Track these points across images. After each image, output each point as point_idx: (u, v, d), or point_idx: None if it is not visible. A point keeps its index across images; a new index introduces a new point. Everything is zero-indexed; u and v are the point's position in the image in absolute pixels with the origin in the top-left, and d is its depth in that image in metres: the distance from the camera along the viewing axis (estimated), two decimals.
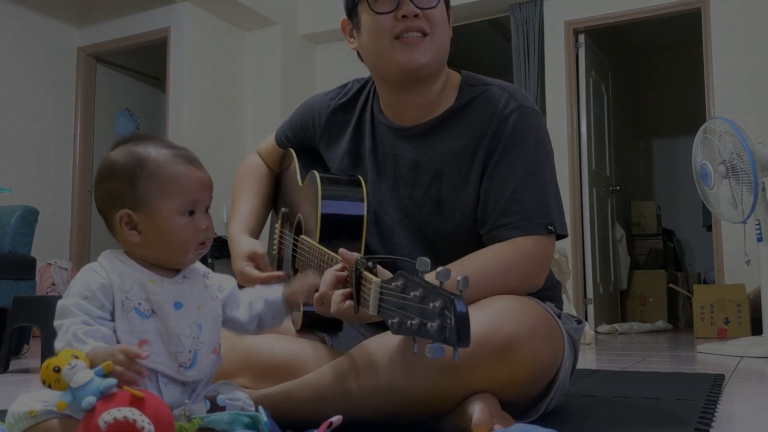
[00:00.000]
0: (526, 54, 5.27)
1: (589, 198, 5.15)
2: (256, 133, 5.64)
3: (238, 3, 5.35)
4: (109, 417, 0.83)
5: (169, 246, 1.02)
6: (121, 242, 1.04)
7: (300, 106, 1.64)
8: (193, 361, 1.01)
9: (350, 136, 1.50)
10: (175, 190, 1.02)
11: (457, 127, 1.38)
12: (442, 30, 1.36)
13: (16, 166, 5.11)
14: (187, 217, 1.02)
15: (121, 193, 1.01)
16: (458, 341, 0.82)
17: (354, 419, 1.14)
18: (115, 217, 1.02)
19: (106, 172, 1.04)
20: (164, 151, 1.04)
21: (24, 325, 2.86)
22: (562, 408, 1.43)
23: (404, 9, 1.31)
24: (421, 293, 0.88)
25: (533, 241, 1.29)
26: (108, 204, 1.03)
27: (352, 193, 1.38)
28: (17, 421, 0.93)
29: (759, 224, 3.22)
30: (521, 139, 1.33)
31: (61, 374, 0.86)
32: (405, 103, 1.41)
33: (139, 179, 1.01)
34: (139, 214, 1.01)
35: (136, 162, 1.02)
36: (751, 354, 3.03)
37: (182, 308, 1.02)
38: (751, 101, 4.52)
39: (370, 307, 1.00)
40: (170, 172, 1.02)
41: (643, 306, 5.89)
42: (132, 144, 1.04)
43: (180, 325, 1.00)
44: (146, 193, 1.01)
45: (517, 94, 1.37)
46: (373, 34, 1.35)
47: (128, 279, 0.99)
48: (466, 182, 1.36)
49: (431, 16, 1.33)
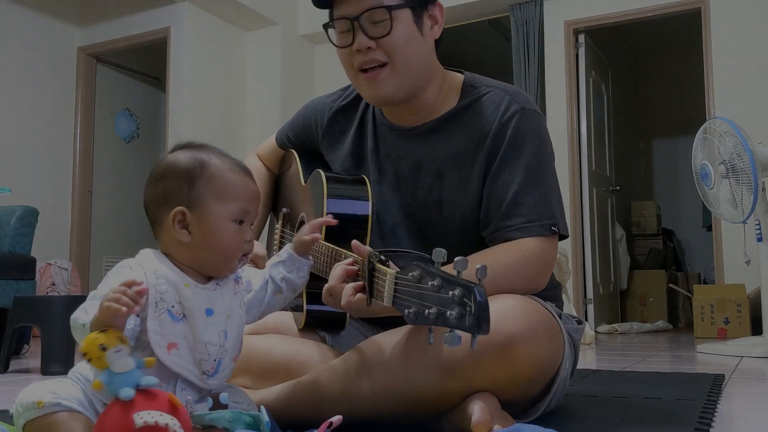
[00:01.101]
0: (526, 54, 5.27)
1: (589, 198, 5.16)
2: (256, 133, 5.65)
3: (238, 3, 5.35)
4: (149, 418, 0.82)
5: (216, 251, 1.03)
6: (165, 242, 1.05)
7: (302, 108, 1.64)
8: (216, 369, 1.02)
9: (352, 138, 1.50)
10: (230, 195, 1.04)
11: (458, 128, 1.38)
12: (403, 55, 1.32)
13: (16, 166, 5.11)
14: (236, 225, 1.04)
15: (178, 192, 1.03)
16: (479, 328, 0.83)
17: (354, 419, 1.14)
18: (168, 216, 1.02)
19: (164, 170, 1.05)
20: (224, 159, 1.07)
21: (24, 325, 2.86)
22: (562, 408, 1.43)
23: (357, 43, 1.31)
24: (438, 282, 0.89)
25: (536, 243, 1.29)
26: (162, 202, 1.04)
27: (357, 192, 1.39)
28: (24, 410, 0.93)
29: (759, 224, 3.22)
30: (523, 141, 1.33)
31: (105, 354, 0.86)
32: (404, 108, 1.42)
33: (197, 180, 1.03)
34: (193, 213, 1.02)
35: (198, 164, 1.04)
36: (751, 354, 3.03)
37: (213, 315, 1.02)
38: (751, 101, 4.52)
39: (385, 298, 1.01)
40: (228, 178, 1.05)
41: (643, 306, 5.89)
42: (192, 149, 1.07)
43: (208, 333, 1.01)
44: (202, 194, 1.03)
45: (519, 97, 1.37)
46: (342, 64, 1.38)
47: (164, 280, 1.00)
48: (467, 184, 1.36)
49: (386, 44, 1.31)
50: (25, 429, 0.93)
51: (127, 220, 5.93)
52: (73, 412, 0.92)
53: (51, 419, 0.92)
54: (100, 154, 5.84)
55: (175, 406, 0.86)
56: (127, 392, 0.84)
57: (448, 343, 0.85)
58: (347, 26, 1.31)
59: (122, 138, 6.15)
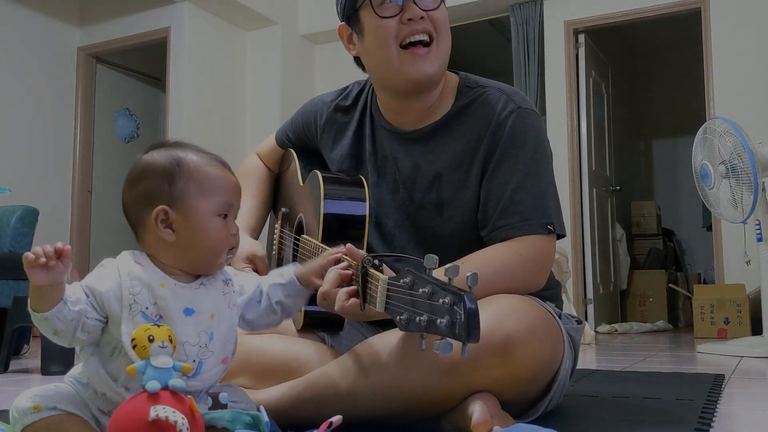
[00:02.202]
0: (526, 54, 5.27)
1: (589, 198, 5.15)
2: (256, 133, 5.64)
3: (238, 3, 5.35)
4: (162, 412, 0.82)
5: (203, 247, 1.01)
6: (149, 245, 1.03)
7: (302, 107, 1.64)
8: (197, 370, 0.99)
9: (351, 139, 1.50)
10: (212, 190, 1.02)
11: (455, 130, 1.38)
12: (446, 33, 1.36)
13: (16, 166, 5.11)
14: (221, 219, 1.03)
15: (159, 191, 1.01)
16: (468, 337, 0.83)
17: (354, 419, 1.14)
18: (150, 216, 1.01)
19: (141, 171, 1.03)
20: (200, 154, 1.05)
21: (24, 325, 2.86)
22: (562, 408, 1.43)
23: (409, 12, 1.30)
24: (430, 290, 0.88)
25: (534, 241, 1.29)
26: (142, 203, 1.02)
27: (354, 193, 1.38)
28: (21, 416, 0.92)
29: (759, 224, 3.22)
30: (520, 140, 1.33)
31: (150, 346, 0.88)
32: (405, 108, 1.41)
33: (177, 177, 1.01)
34: (176, 211, 1.00)
35: (175, 162, 1.02)
36: (751, 354, 3.03)
37: (193, 315, 1.00)
38: (751, 101, 4.52)
39: (377, 304, 1.00)
40: (208, 173, 1.03)
41: (643, 306, 5.89)
42: (167, 148, 1.06)
43: (186, 333, 0.98)
44: (184, 191, 1.01)
45: (515, 96, 1.37)
46: (378, 40, 1.33)
47: (137, 282, 0.98)
48: (465, 185, 1.36)
49: (435, 18, 1.33)
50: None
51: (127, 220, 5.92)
52: (70, 415, 0.92)
53: (48, 422, 0.92)
54: (100, 154, 5.84)
55: (194, 414, 0.86)
56: (154, 385, 0.85)
57: (439, 350, 0.85)
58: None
59: (122, 138, 6.15)
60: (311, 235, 1.40)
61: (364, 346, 1.21)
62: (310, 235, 1.41)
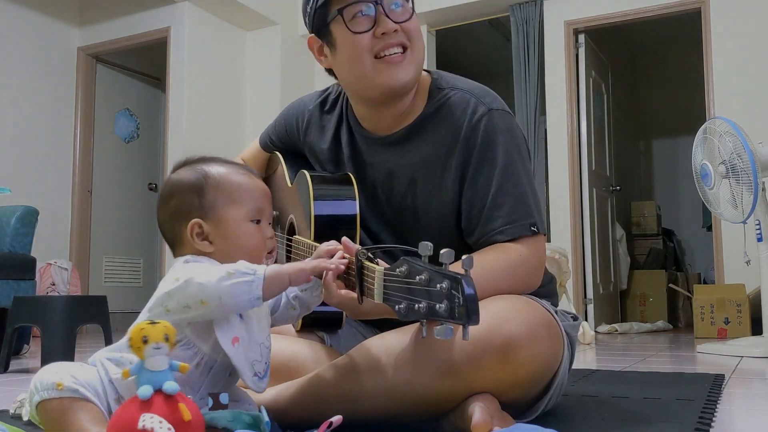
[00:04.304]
0: (526, 54, 5.27)
1: (589, 198, 5.15)
2: (256, 133, 5.58)
3: (238, 3, 5.35)
4: (149, 423, 0.81)
5: (240, 254, 1.02)
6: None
7: (284, 110, 1.65)
8: (266, 372, 1.01)
9: (330, 144, 1.50)
10: (240, 197, 1.05)
11: (427, 134, 1.38)
12: (419, 42, 1.34)
13: (16, 166, 5.11)
14: (254, 225, 1.05)
15: (190, 205, 1.04)
16: (468, 320, 0.83)
17: (354, 419, 1.14)
18: (185, 231, 1.03)
19: (171, 189, 1.06)
20: (225, 165, 1.08)
21: (24, 325, 2.85)
22: (562, 408, 1.43)
23: (382, 26, 1.29)
24: (426, 276, 0.88)
25: (522, 244, 1.29)
26: (176, 219, 1.04)
27: (343, 192, 1.39)
28: (42, 389, 0.93)
29: (759, 224, 3.22)
30: (495, 142, 1.32)
31: (144, 348, 0.86)
32: (379, 114, 1.41)
33: (206, 189, 1.04)
34: (209, 223, 1.03)
35: (201, 175, 1.05)
36: (751, 354, 3.03)
37: (260, 317, 1.03)
38: (751, 101, 4.52)
39: (375, 295, 1.01)
40: (235, 181, 1.06)
41: (643, 306, 5.89)
42: (192, 163, 1.08)
43: (261, 334, 1.01)
44: (214, 202, 1.03)
45: (485, 97, 1.36)
46: (352, 54, 1.32)
47: None
48: (439, 190, 1.36)
49: (408, 28, 1.32)
50: (38, 408, 0.93)
51: (127, 220, 5.93)
52: (88, 402, 0.93)
53: (65, 404, 0.92)
54: (100, 154, 5.84)
55: (184, 420, 0.84)
56: (145, 391, 0.84)
57: (440, 335, 0.85)
58: (366, 11, 1.30)
59: (122, 138, 6.15)
60: (303, 237, 1.40)
61: (364, 347, 1.20)
62: (302, 236, 1.41)
